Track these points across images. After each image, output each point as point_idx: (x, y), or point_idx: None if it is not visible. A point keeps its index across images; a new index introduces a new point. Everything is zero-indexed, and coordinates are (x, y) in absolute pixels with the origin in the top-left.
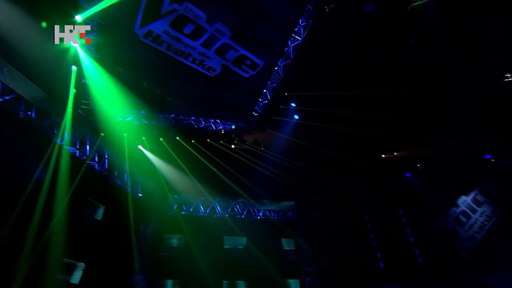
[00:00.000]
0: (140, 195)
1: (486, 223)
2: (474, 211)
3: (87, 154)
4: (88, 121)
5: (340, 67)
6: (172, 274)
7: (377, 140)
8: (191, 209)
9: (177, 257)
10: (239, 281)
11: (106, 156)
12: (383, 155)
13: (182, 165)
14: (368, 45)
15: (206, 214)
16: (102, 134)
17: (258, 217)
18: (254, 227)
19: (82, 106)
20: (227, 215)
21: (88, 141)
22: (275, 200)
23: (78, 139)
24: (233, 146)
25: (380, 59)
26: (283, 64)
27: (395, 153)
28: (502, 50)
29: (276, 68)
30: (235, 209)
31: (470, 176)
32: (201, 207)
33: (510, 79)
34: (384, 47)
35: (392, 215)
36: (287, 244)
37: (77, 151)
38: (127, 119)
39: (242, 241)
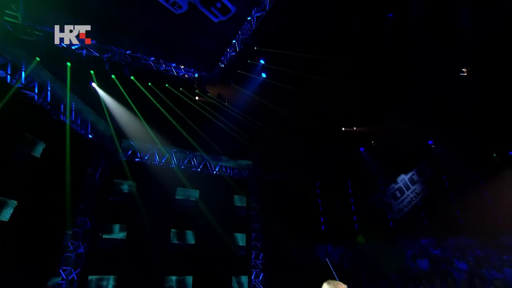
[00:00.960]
0: (90, 136)
1: (414, 199)
2: (408, 188)
3: (23, 82)
4: (20, 40)
5: (317, 30)
6: (120, 219)
7: (341, 113)
8: (146, 157)
9: (127, 203)
10: (187, 231)
11: (49, 89)
12: (343, 128)
13: (136, 109)
14: (348, 11)
15: (161, 164)
16: (38, 59)
17: (214, 172)
18: (208, 181)
19: (7, 18)
20: (182, 166)
21: (24, 67)
22: (232, 157)
23: (10, 62)
24: (197, 98)
25: (356, 29)
26: (257, 15)
27: (354, 128)
28: (465, 43)
29: (249, 18)
30: (192, 161)
31: (412, 158)
32: (157, 156)
33: (465, 74)
34: (360, 17)
35: (340, 184)
36: (239, 201)
37: (8, 76)
38: (73, 47)
39: (195, 193)
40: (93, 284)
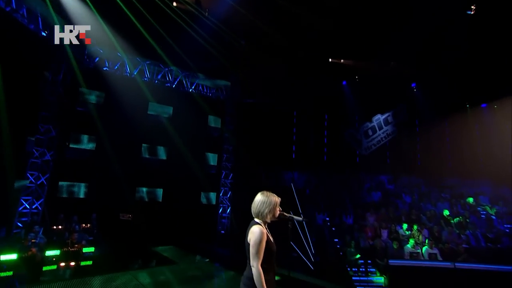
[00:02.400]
0: (44, 33)
1: (383, 139)
2: (380, 128)
3: None
4: None
5: None
6: (88, 130)
7: (330, 42)
8: (116, 67)
9: (95, 114)
10: (159, 146)
11: None
12: (330, 59)
13: (100, 13)
14: None
15: (133, 76)
16: None
17: (190, 90)
18: (183, 99)
19: None
20: (156, 81)
21: None
22: (209, 76)
23: None
24: (174, 4)
25: None
26: None
27: (342, 60)
28: None
29: None
30: (166, 76)
31: (391, 99)
32: (128, 66)
33: (473, 12)
34: None
35: (317, 116)
36: (213, 122)
37: None
38: None
39: (168, 110)
40: (64, 189)
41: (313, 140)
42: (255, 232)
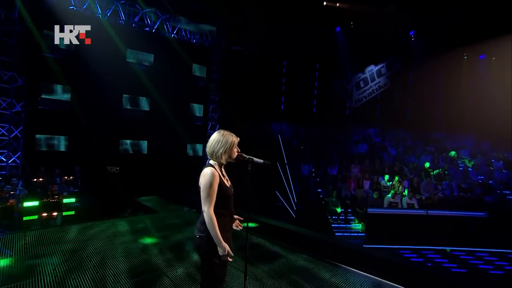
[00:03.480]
0: None
1: (375, 91)
2: (373, 80)
3: None
4: None
5: None
6: (61, 79)
7: None
8: (84, 6)
9: (67, 61)
10: (141, 97)
11: None
12: (325, 2)
13: None
14: None
15: (106, 18)
16: None
17: (172, 35)
18: (164, 45)
19: None
20: (134, 24)
21: None
22: (193, 20)
23: None
24: None
25: None
26: None
27: (337, 4)
28: None
29: None
30: (145, 20)
31: (386, 49)
32: (98, 6)
33: None
34: None
35: (307, 66)
36: (198, 71)
37: None
38: None
39: (149, 57)
40: (43, 142)
41: (303, 91)
42: (206, 174)
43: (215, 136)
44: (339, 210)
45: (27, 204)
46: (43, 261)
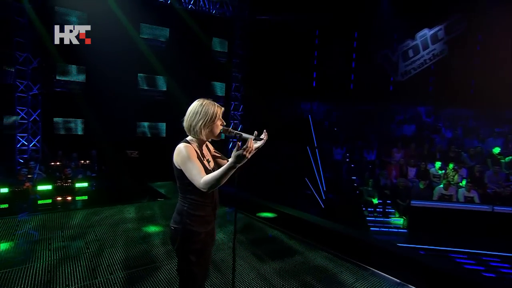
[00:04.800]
0: None
1: (428, 61)
2: (425, 48)
3: None
4: None
5: None
6: (75, 60)
7: None
8: None
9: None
10: (157, 76)
11: None
12: None
13: None
14: None
15: None
16: None
17: (189, 7)
18: (181, 17)
19: None
20: None
21: None
22: None
23: None
24: None
25: None
26: None
27: None
28: None
29: None
30: None
31: (447, 6)
32: None
33: None
34: None
35: (344, 36)
36: (219, 45)
37: None
38: None
39: (165, 32)
40: (61, 126)
41: (338, 65)
42: (180, 150)
43: (192, 106)
44: (375, 201)
45: (41, 187)
46: (39, 247)
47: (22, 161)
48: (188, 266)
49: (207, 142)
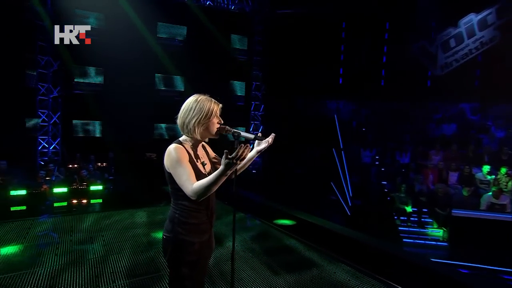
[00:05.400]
0: None
1: (474, 51)
2: (471, 36)
3: None
4: None
5: None
6: (93, 61)
7: None
8: None
9: (98, 42)
10: (175, 76)
11: None
12: None
13: None
14: None
15: None
16: None
17: (207, 3)
18: (198, 15)
19: None
20: None
21: None
22: None
23: None
24: None
25: None
26: None
27: None
28: None
29: None
30: None
31: None
32: None
33: None
34: None
35: (374, 27)
36: (238, 42)
37: None
38: None
39: (182, 31)
40: (80, 128)
41: (368, 60)
42: (169, 152)
43: (186, 102)
44: (409, 209)
45: (56, 190)
46: (47, 250)
47: (43, 163)
48: (180, 280)
49: (203, 142)
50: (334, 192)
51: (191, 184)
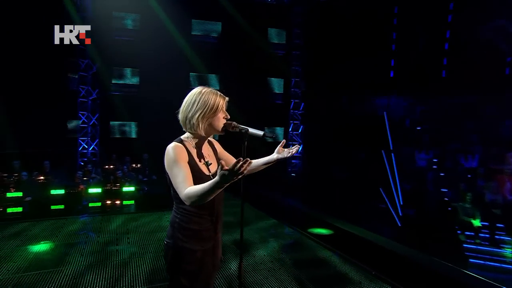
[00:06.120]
0: None
1: None
2: None
3: None
4: None
5: None
6: (129, 62)
7: None
8: None
9: (134, 42)
10: (210, 75)
11: None
12: None
13: None
14: None
15: None
16: None
17: None
18: (233, 10)
19: None
20: None
21: None
22: None
23: None
24: None
25: None
26: None
27: None
28: None
29: None
30: None
31: None
32: None
33: None
34: None
35: (434, 9)
36: (276, 36)
37: None
38: None
39: (217, 27)
40: (116, 129)
41: (425, 48)
42: (167, 151)
43: (189, 95)
44: (477, 223)
45: (91, 190)
46: (74, 250)
47: (83, 164)
48: None
49: (211, 139)
50: (382, 199)
51: (184, 188)
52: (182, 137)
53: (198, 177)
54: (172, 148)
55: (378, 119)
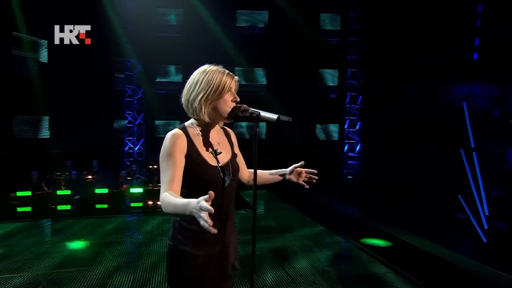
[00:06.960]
0: None
1: None
2: None
3: None
4: None
5: None
6: (172, 59)
7: None
8: None
9: (177, 39)
10: (256, 69)
11: None
12: None
13: None
14: None
15: None
16: None
17: None
18: None
19: None
20: None
21: None
22: None
23: None
24: None
25: None
26: None
27: None
28: None
29: None
30: None
31: None
32: None
33: None
34: None
35: None
36: (329, 23)
37: None
38: None
39: (263, 16)
40: (161, 129)
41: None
42: (164, 141)
43: (193, 75)
44: None
45: (133, 190)
46: (108, 250)
47: (129, 163)
48: None
49: (226, 128)
50: (462, 208)
51: (164, 190)
52: (186, 123)
53: (202, 168)
54: (169, 136)
55: (455, 112)
